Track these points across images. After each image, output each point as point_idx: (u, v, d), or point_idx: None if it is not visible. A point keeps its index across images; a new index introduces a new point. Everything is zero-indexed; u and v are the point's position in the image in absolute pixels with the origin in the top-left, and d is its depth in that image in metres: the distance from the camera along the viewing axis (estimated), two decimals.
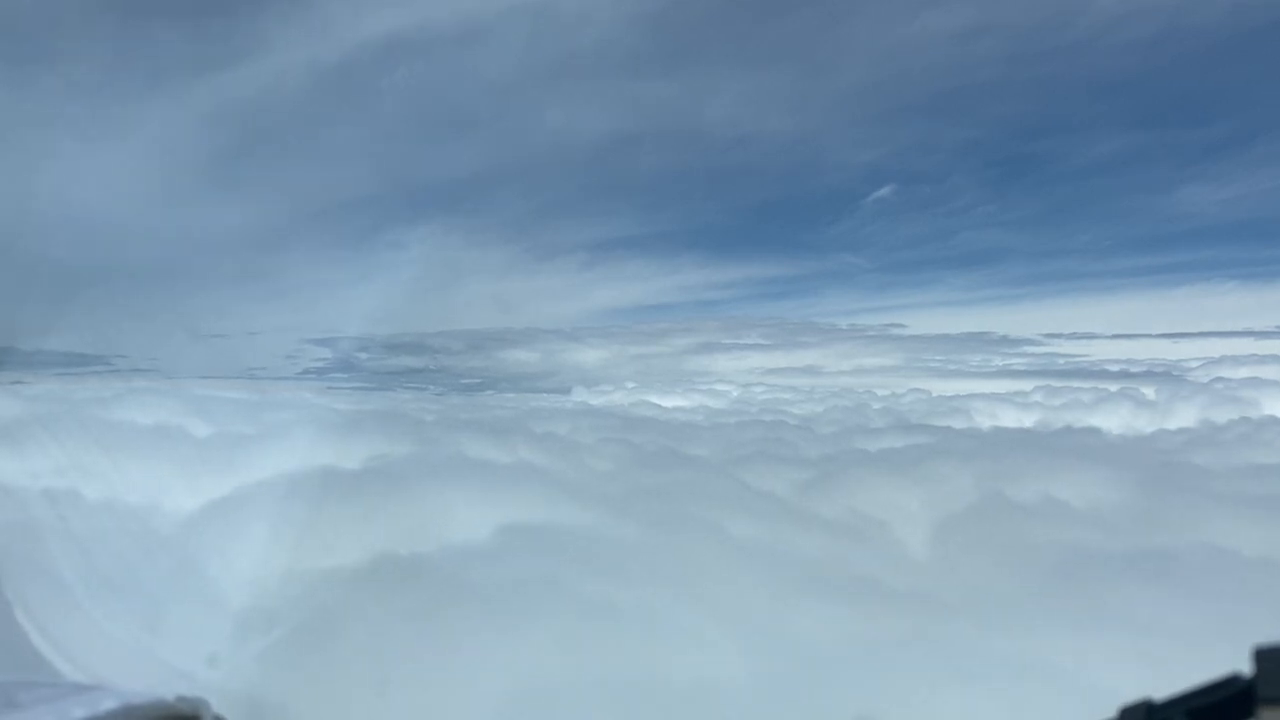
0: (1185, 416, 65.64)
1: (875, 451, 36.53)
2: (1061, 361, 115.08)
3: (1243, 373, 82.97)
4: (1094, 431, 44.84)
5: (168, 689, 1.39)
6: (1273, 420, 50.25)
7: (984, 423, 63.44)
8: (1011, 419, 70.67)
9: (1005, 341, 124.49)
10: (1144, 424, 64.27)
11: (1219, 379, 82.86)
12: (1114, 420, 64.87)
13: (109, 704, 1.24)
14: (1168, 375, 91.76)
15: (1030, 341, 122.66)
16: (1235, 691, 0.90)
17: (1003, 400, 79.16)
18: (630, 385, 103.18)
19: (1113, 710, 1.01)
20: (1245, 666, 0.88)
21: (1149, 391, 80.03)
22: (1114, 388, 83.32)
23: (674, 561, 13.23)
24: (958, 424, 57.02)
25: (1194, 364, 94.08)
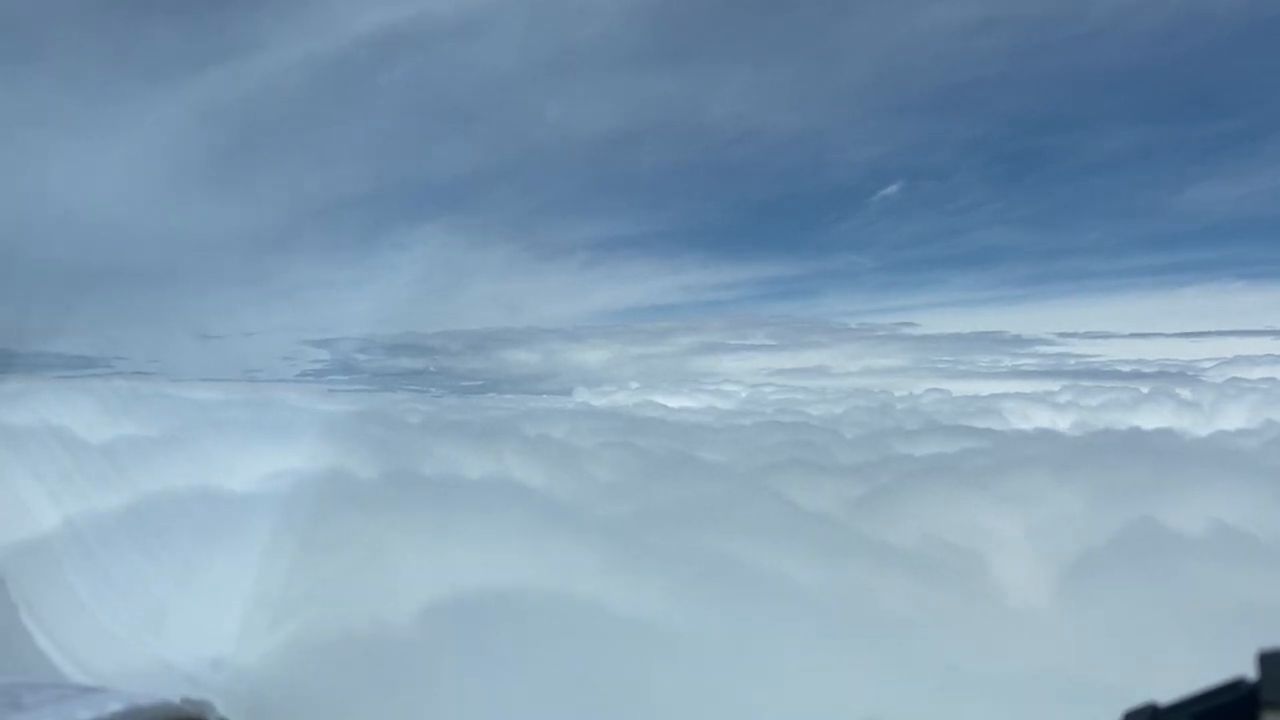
0: (1234, 417, 60.79)
1: (923, 457, 31.28)
2: (1072, 362, 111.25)
3: (1258, 373, 78.51)
4: (1169, 433, 39.52)
5: (173, 691, 1.38)
6: None
7: (1022, 424, 58.13)
8: (1046, 419, 65.47)
9: (1018, 341, 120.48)
10: (1191, 425, 59.18)
11: (1234, 379, 79.33)
12: (1161, 421, 59.67)
13: (114, 706, 1.25)
14: (1181, 375, 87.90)
15: (1043, 341, 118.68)
16: (1239, 696, 0.88)
17: (1033, 400, 73.81)
18: (634, 385, 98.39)
19: (1117, 714, 0.98)
20: (1250, 671, 0.86)
21: (1184, 392, 75.29)
22: (1145, 388, 78.95)
23: (724, 651, 8.00)
24: (997, 425, 51.68)
25: (1207, 364, 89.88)
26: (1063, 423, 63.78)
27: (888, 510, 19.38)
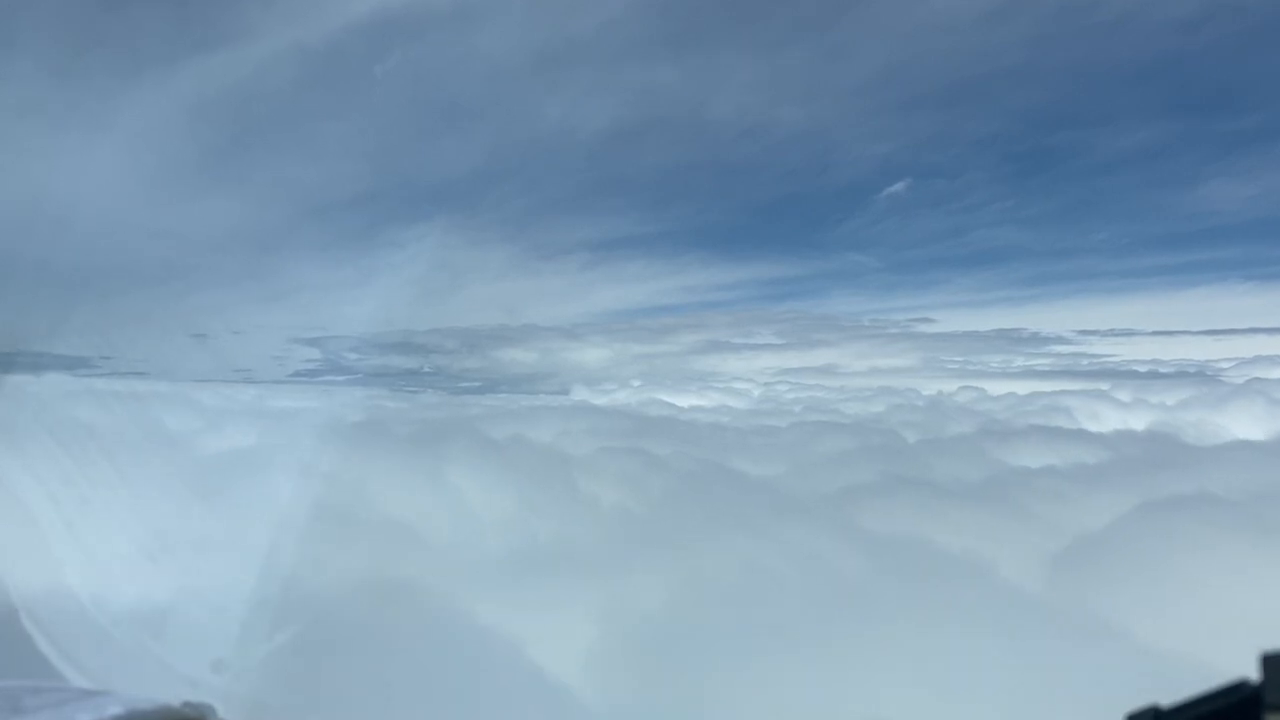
0: None
1: (1064, 469, 22.24)
2: (1086, 362, 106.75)
3: (1279, 373, 73.61)
4: None
5: (173, 694, 1.38)
6: None
7: (1098, 425, 48.94)
8: (1117, 420, 56.51)
9: (1036, 339, 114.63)
10: None
11: (1255, 379, 72.95)
12: (1266, 423, 50.79)
13: (114, 709, 1.24)
14: (1201, 375, 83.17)
15: (1061, 339, 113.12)
16: (1242, 698, 0.86)
17: (1089, 399, 64.72)
18: (636, 383, 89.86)
19: (1119, 717, 0.95)
20: (1253, 673, 0.85)
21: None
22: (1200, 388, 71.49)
23: None
24: (1094, 427, 42.55)
25: (1225, 364, 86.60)
26: (1138, 423, 55.04)
27: (1159, 595, 10.13)
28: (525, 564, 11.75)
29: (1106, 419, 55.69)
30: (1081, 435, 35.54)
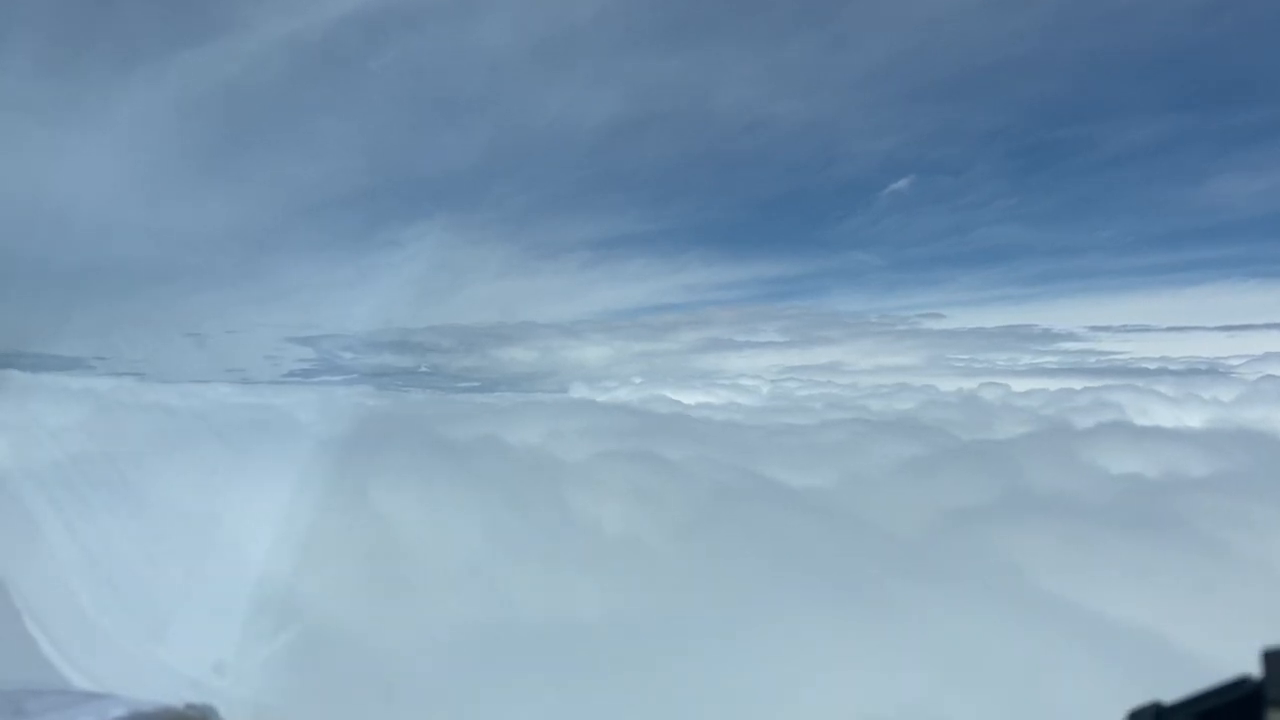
0: None
1: (1200, 479, 17.26)
2: (1094, 359, 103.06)
3: None
4: None
5: (175, 696, 1.39)
6: None
7: (1164, 422, 43.94)
8: (1170, 416, 51.51)
9: (1046, 336, 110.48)
10: None
11: (1268, 376, 69.07)
12: None
13: (117, 712, 1.23)
14: (1212, 372, 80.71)
15: (1072, 336, 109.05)
16: (1244, 694, 0.86)
17: (1140, 394, 59.68)
18: (638, 380, 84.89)
19: (1121, 714, 0.95)
20: (1254, 669, 0.84)
21: None
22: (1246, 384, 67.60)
23: None
24: (1162, 424, 37.57)
25: (1236, 361, 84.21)
26: (1193, 420, 50.13)
27: None
28: (475, 662, 6.72)
29: (1159, 415, 50.78)
30: (1159, 433, 30.66)
